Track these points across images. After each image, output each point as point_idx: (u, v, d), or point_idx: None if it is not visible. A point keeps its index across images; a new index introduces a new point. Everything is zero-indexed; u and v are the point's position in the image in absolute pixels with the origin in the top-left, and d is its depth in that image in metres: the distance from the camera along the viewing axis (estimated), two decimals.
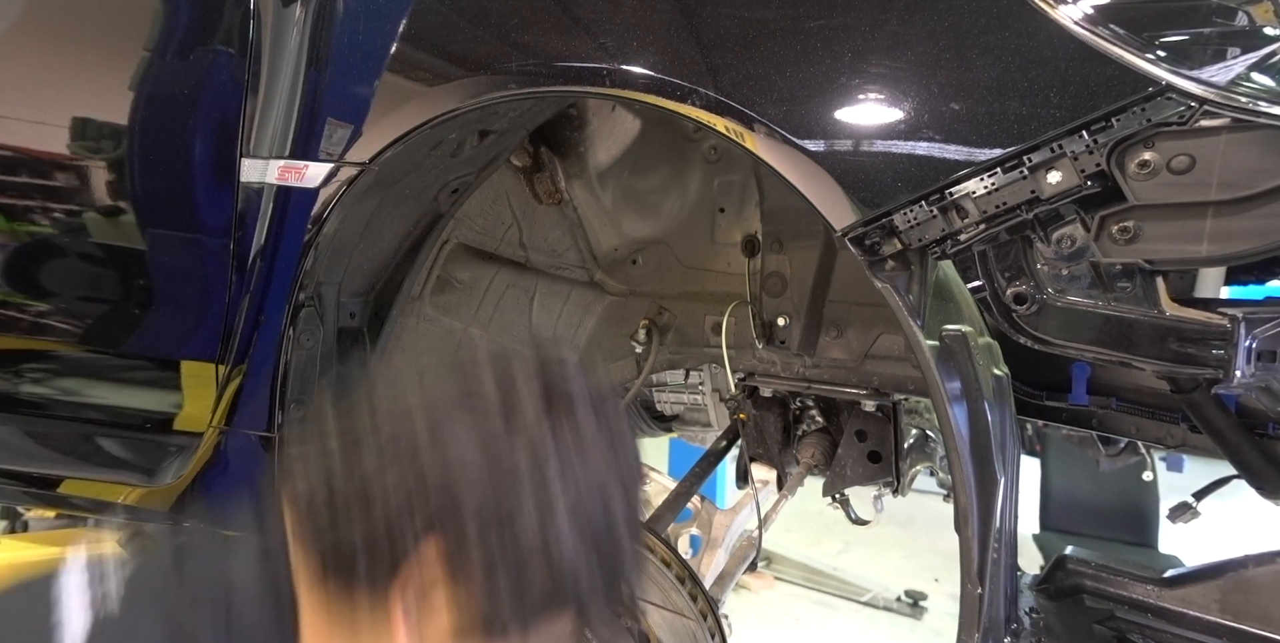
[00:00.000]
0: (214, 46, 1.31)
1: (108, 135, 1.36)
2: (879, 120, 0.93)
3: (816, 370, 1.52)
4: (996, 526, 0.95)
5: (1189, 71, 0.81)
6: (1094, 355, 1.02)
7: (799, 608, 3.79)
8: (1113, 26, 0.84)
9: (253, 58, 1.26)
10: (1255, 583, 1.07)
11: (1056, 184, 0.86)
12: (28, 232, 1.45)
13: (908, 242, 0.93)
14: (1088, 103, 0.83)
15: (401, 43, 1.18)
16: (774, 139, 0.96)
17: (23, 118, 1.39)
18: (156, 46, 1.33)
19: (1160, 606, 1.14)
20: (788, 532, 4.41)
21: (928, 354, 0.94)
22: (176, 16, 1.35)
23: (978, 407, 0.95)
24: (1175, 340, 0.95)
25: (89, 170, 1.37)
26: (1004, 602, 1.00)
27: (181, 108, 1.30)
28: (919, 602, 3.77)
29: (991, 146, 0.88)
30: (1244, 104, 0.78)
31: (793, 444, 1.65)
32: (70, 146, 1.36)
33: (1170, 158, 0.83)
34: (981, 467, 0.95)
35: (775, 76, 0.97)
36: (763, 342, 1.54)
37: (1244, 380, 0.90)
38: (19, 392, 1.52)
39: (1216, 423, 1.13)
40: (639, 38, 1.05)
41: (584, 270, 1.84)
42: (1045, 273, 0.99)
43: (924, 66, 0.91)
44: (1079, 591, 1.22)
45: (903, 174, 0.92)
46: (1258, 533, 2.91)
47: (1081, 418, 1.38)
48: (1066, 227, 0.90)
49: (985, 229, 0.91)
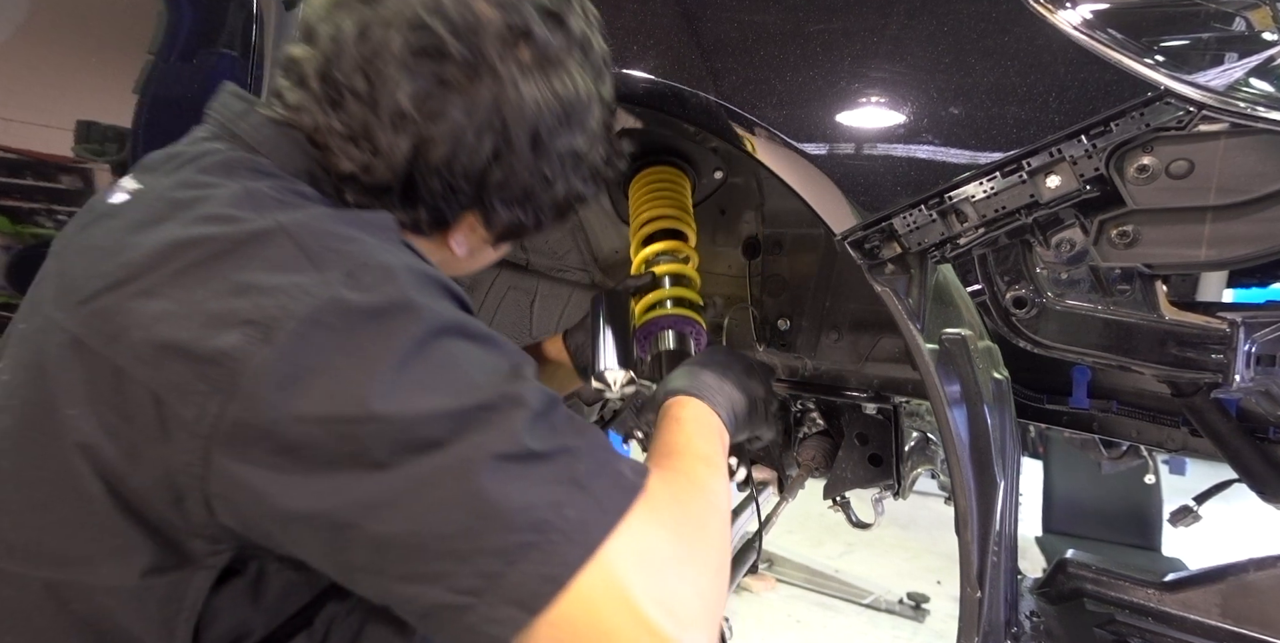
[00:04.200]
0: (217, 50, 1.32)
1: (111, 138, 1.36)
2: (879, 124, 0.93)
3: (817, 373, 1.52)
4: (996, 529, 0.95)
5: (1188, 76, 0.81)
6: (1094, 359, 1.02)
7: (801, 610, 3.78)
8: (1111, 31, 0.84)
9: (255, 61, 1.26)
10: (1257, 587, 1.07)
11: (1055, 188, 0.86)
12: (32, 234, 1.46)
13: (907, 245, 0.93)
14: (1086, 107, 0.83)
15: None
16: (774, 143, 0.96)
17: (27, 121, 1.40)
18: (160, 49, 1.34)
19: (1161, 610, 1.14)
20: (789, 534, 4.41)
21: (927, 358, 0.94)
22: (180, 20, 1.36)
23: (977, 410, 0.95)
24: (1175, 345, 0.95)
25: (93, 173, 1.38)
26: (1004, 606, 1.00)
27: (184, 111, 1.31)
28: (921, 604, 3.77)
29: (990, 151, 0.88)
30: (1243, 109, 0.78)
31: (793, 446, 1.65)
32: (74, 149, 1.37)
33: (1169, 162, 0.83)
34: (981, 470, 0.95)
35: (775, 80, 0.97)
36: (763, 344, 1.54)
37: (1244, 385, 0.90)
38: None
39: (1217, 427, 1.13)
40: (639, 41, 1.05)
41: (585, 272, 1.84)
42: (1045, 277, 1.00)
43: (923, 71, 0.91)
44: (1080, 594, 1.22)
45: (902, 178, 0.92)
46: (1260, 537, 2.91)
47: (1082, 421, 1.38)
48: (1065, 231, 0.90)
49: (984, 233, 0.91)
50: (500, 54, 0.71)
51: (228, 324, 0.55)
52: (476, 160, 0.73)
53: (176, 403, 0.55)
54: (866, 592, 3.87)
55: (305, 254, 0.59)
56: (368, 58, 0.69)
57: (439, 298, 0.62)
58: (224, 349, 0.54)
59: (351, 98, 0.70)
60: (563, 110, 0.75)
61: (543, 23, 0.73)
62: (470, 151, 0.72)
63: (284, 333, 0.55)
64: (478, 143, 0.72)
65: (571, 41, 0.76)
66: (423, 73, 0.69)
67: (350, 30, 0.70)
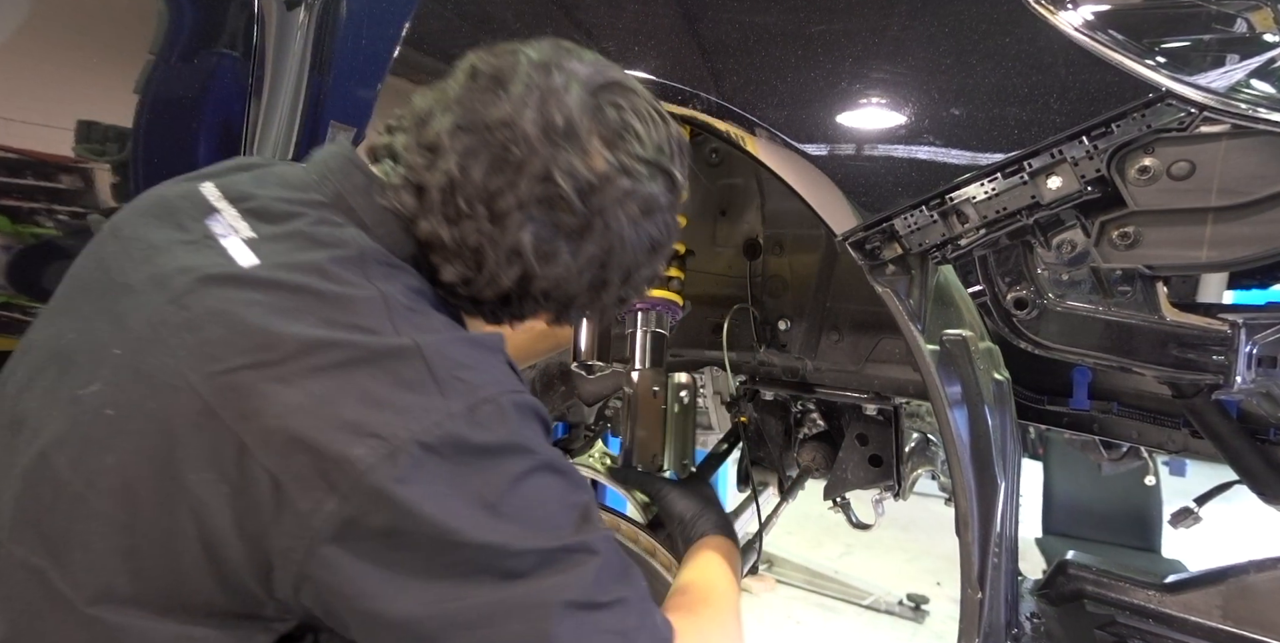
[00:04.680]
0: (218, 50, 1.32)
1: (112, 138, 1.36)
2: (880, 125, 0.93)
3: (817, 374, 1.52)
4: (997, 530, 0.95)
5: (1189, 78, 0.81)
6: (1095, 360, 1.02)
7: (800, 611, 3.78)
8: (1113, 32, 0.84)
9: (256, 61, 1.26)
10: (1257, 589, 1.07)
11: (1057, 189, 0.86)
12: (32, 233, 1.46)
13: (908, 246, 0.93)
14: (1088, 108, 0.83)
15: (404, 46, 1.19)
16: (775, 143, 0.96)
17: (28, 120, 1.40)
18: (161, 50, 1.34)
19: (1162, 611, 1.13)
20: (789, 535, 4.41)
21: (928, 358, 0.94)
22: (181, 20, 1.36)
23: (978, 411, 0.95)
24: (1176, 346, 0.95)
25: (93, 173, 1.38)
26: (1004, 607, 1.00)
27: (186, 111, 1.31)
28: (921, 605, 3.77)
29: (992, 152, 0.88)
30: (1244, 110, 0.78)
31: (794, 447, 1.65)
32: (75, 149, 1.37)
33: (1170, 164, 0.83)
34: (982, 472, 0.95)
35: (777, 81, 0.97)
36: (763, 345, 1.54)
37: (1245, 386, 0.90)
38: None
39: (1218, 428, 1.13)
40: (641, 42, 1.05)
41: None
42: (1046, 278, 0.99)
43: (925, 72, 0.91)
44: (1080, 595, 1.22)
45: (903, 179, 0.92)
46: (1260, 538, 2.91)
47: (1082, 423, 1.37)
48: (1067, 232, 0.90)
49: (986, 234, 0.91)
50: (614, 210, 0.78)
51: (358, 433, 0.62)
52: (571, 291, 0.82)
53: (295, 492, 0.61)
54: (866, 593, 3.87)
55: (434, 378, 0.66)
56: (493, 194, 0.75)
57: (534, 428, 0.71)
58: (350, 457, 0.61)
59: (470, 223, 0.76)
60: (654, 249, 0.84)
61: (652, 178, 0.80)
62: (569, 286, 0.81)
63: (406, 455, 0.61)
64: (578, 279, 0.81)
65: (674, 189, 0.84)
66: (543, 220, 0.76)
67: (479, 165, 0.75)
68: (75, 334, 0.73)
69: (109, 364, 0.69)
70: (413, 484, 0.61)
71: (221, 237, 0.73)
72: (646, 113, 0.81)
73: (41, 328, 0.79)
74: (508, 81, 0.76)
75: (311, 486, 0.61)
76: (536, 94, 0.75)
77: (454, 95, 0.77)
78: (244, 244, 0.73)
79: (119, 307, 0.71)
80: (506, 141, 0.74)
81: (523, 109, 0.75)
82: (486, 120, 0.75)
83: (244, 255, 0.72)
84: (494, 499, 0.64)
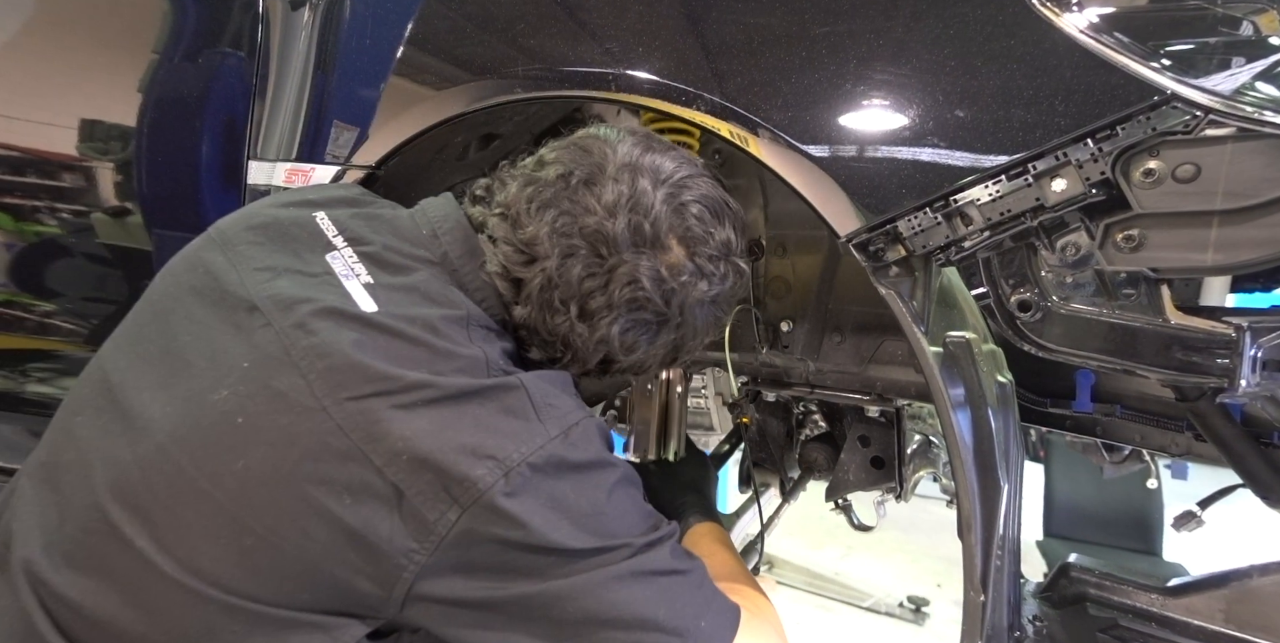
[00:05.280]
0: (222, 49, 1.32)
1: (116, 137, 1.36)
2: (884, 126, 0.93)
3: (819, 375, 1.52)
4: (1000, 533, 0.95)
5: (1194, 80, 0.80)
6: (1098, 363, 1.02)
7: (801, 612, 3.78)
8: (1118, 35, 0.84)
9: (260, 60, 1.26)
10: (1260, 593, 1.07)
11: (1061, 192, 0.86)
12: (35, 232, 1.46)
13: (912, 248, 0.93)
14: (1093, 111, 0.83)
15: (408, 46, 1.19)
16: (778, 144, 0.96)
17: (31, 119, 1.40)
18: (165, 49, 1.34)
19: (1164, 615, 1.13)
20: (790, 536, 4.40)
21: (931, 360, 0.93)
22: (185, 19, 1.36)
23: (981, 414, 0.95)
24: (1180, 349, 0.94)
25: (96, 171, 1.38)
26: (1007, 609, 1.00)
27: (189, 110, 1.31)
28: (921, 607, 3.76)
29: (996, 154, 0.87)
30: (1250, 113, 0.78)
31: (795, 449, 1.65)
32: (78, 148, 1.37)
33: (1175, 166, 0.82)
34: (985, 474, 0.94)
35: (780, 82, 0.97)
36: (765, 346, 1.54)
37: (1249, 390, 0.90)
38: (25, 391, 1.53)
39: (1222, 432, 1.13)
40: (645, 42, 1.05)
41: None
42: (1049, 280, 0.99)
43: (929, 73, 0.91)
44: (1083, 598, 1.21)
45: (907, 180, 0.92)
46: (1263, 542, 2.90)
47: (1085, 425, 1.37)
48: (1071, 234, 0.90)
49: (990, 236, 0.91)
50: (691, 308, 0.91)
51: (477, 456, 0.73)
52: (646, 366, 0.95)
53: (420, 504, 0.72)
54: (867, 594, 3.86)
55: (533, 406, 0.78)
56: (585, 295, 0.86)
57: (608, 444, 0.84)
58: (471, 476, 0.72)
59: (562, 317, 0.86)
60: (716, 321, 0.98)
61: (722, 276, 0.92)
62: (646, 364, 0.95)
63: (517, 474, 0.73)
64: (654, 359, 0.94)
65: (739, 275, 0.95)
66: (629, 317, 0.88)
67: (574, 270, 0.85)
68: (190, 337, 0.80)
69: (236, 375, 0.76)
70: (522, 499, 0.72)
71: (343, 277, 0.82)
72: (716, 206, 0.91)
73: (147, 321, 0.85)
74: (597, 185, 0.86)
75: (437, 499, 0.72)
76: (626, 200, 0.85)
77: (548, 197, 0.86)
78: (363, 289, 0.81)
79: (242, 321, 0.78)
80: (599, 248, 0.84)
81: (614, 217, 0.84)
82: (581, 227, 0.84)
83: (364, 300, 0.80)
84: (590, 509, 0.77)
